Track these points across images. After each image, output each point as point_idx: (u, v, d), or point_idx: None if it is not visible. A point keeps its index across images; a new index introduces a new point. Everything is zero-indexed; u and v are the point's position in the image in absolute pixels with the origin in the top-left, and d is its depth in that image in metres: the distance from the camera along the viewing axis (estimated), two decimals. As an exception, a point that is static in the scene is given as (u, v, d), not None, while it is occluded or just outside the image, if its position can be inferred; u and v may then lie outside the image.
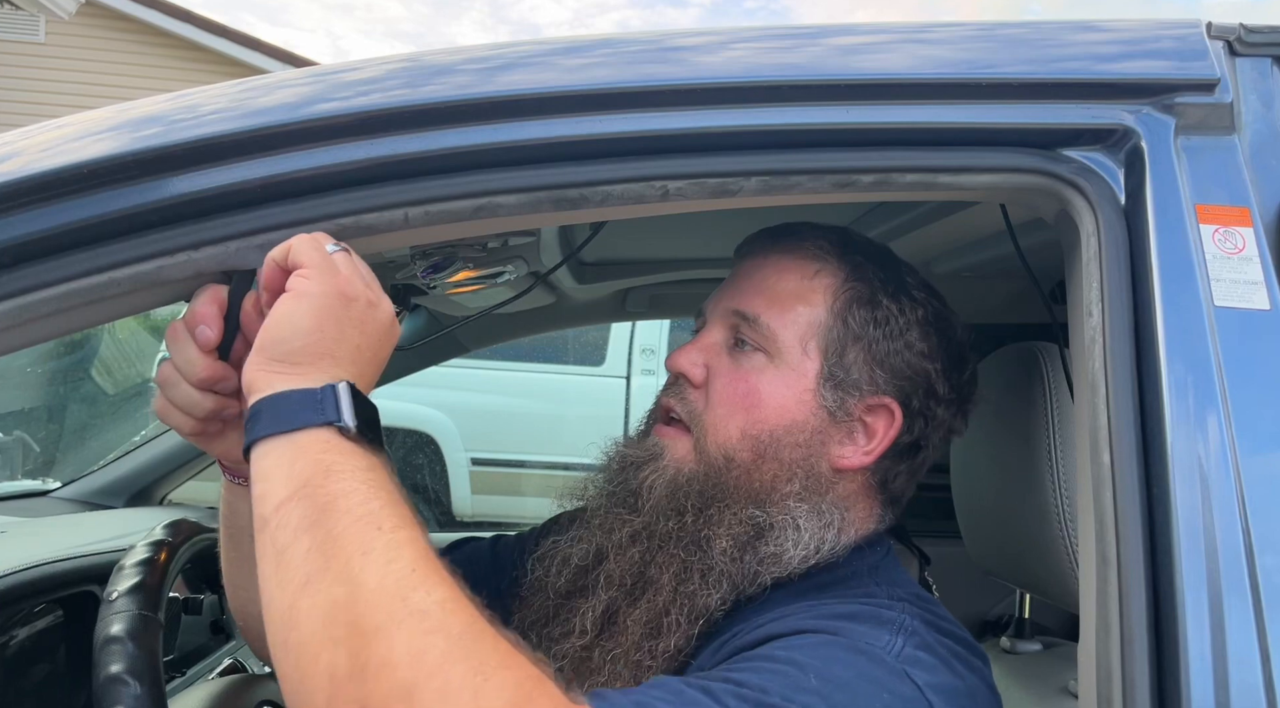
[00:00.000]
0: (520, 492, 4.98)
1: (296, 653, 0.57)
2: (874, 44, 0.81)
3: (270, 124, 0.73)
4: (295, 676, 0.57)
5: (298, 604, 0.58)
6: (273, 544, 0.61)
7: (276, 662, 0.60)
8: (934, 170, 0.77)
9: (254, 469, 0.64)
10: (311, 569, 0.58)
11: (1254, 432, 0.69)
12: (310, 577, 0.58)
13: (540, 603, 0.92)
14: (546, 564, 0.93)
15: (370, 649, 0.55)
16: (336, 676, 0.55)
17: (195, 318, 0.72)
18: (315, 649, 0.56)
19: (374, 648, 0.55)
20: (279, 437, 0.64)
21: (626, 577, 0.86)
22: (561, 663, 0.85)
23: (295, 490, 0.61)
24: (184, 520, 1.17)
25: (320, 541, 0.59)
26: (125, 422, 3.29)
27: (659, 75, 0.77)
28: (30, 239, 0.69)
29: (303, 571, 0.59)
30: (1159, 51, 0.80)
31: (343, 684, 0.55)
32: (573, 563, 0.89)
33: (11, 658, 1.23)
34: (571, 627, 0.86)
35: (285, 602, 0.59)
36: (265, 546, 0.61)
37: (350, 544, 0.59)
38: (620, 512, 0.89)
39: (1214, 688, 0.65)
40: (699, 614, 0.82)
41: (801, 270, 0.90)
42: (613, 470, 0.94)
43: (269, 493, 0.62)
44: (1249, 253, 0.74)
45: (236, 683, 1.21)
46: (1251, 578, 0.67)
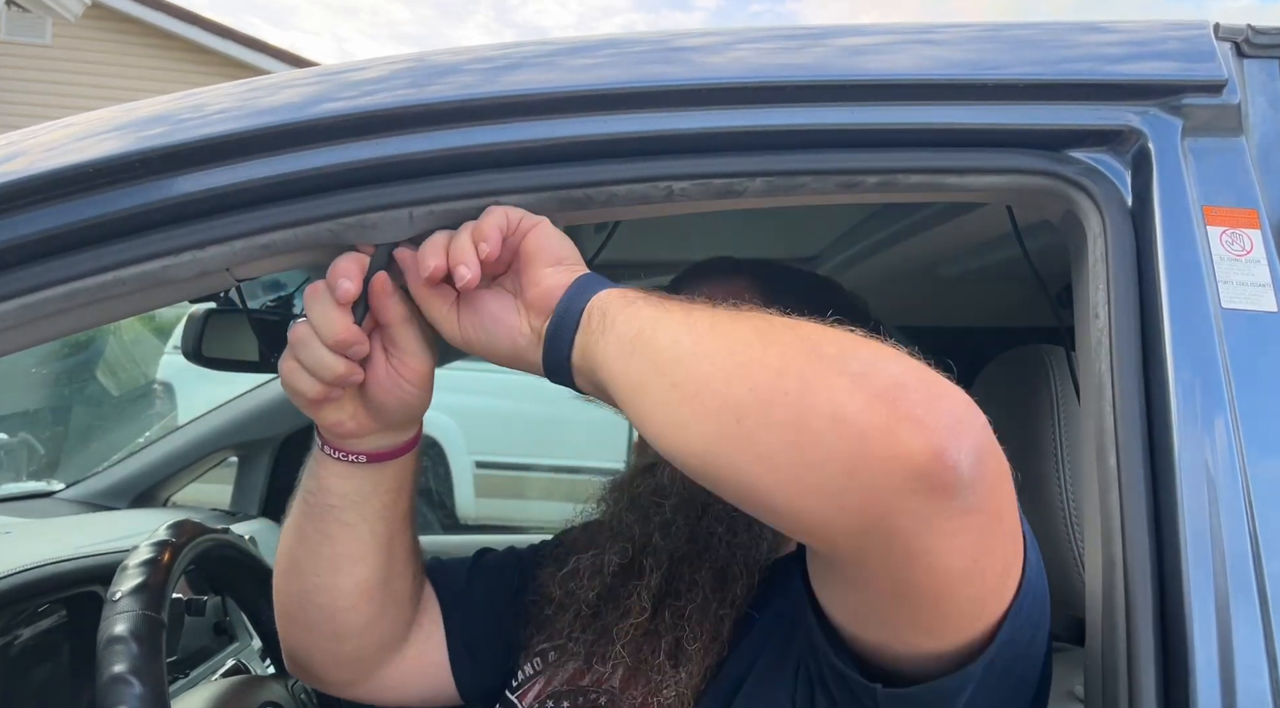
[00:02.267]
0: (524, 495, 4.97)
1: (799, 405, 0.58)
2: (880, 44, 0.81)
3: (276, 124, 0.73)
4: (802, 423, 0.57)
5: (771, 363, 0.60)
6: (647, 303, 0.67)
7: (749, 446, 0.59)
8: (940, 171, 0.77)
9: (603, 296, 0.71)
10: (754, 341, 0.62)
11: (1261, 435, 0.69)
12: (759, 341, 0.62)
13: (575, 610, 0.93)
14: (573, 582, 0.94)
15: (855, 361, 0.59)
16: (794, 347, 0.60)
17: (337, 272, 0.74)
18: (820, 385, 0.58)
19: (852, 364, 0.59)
20: (621, 286, 0.72)
21: (680, 547, 0.88)
22: (624, 641, 0.87)
23: (654, 295, 0.69)
24: (187, 521, 1.17)
25: (696, 303, 0.67)
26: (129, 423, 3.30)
27: (664, 75, 0.77)
28: (35, 238, 0.69)
29: (747, 342, 0.62)
30: (1166, 53, 0.80)
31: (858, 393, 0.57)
32: (610, 568, 0.91)
33: (15, 658, 1.23)
34: (629, 607, 0.88)
35: (747, 371, 0.60)
36: (637, 310, 0.67)
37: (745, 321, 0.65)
38: (647, 505, 0.91)
39: (1221, 693, 0.65)
40: (753, 563, 0.87)
41: (724, 283, 1.00)
42: (624, 482, 0.96)
43: (623, 294, 0.70)
44: (1257, 255, 0.73)
45: (240, 684, 1.21)
46: (1259, 582, 0.66)
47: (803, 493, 0.58)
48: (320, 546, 0.88)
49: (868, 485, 0.55)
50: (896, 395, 0.56)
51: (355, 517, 0.87)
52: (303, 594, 0.91)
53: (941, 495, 0.55)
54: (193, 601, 1.45)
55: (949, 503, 0.55)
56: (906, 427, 0.55)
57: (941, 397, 0.57)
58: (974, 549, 0.59)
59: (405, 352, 0.80)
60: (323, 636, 0.93)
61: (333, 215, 0.73)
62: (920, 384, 0.57)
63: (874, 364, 0.58)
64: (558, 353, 0.72)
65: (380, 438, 0.85)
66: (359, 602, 0.90)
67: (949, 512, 0.56)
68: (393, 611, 0.95)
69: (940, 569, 0.59)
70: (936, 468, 0.54)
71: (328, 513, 0.87)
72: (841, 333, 0.61)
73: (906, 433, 0.55)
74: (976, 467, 0.55)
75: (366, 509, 0.87)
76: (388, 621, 0.95)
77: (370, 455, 0.85)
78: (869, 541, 0.58)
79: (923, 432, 0.55)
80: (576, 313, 0.71)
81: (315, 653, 0.95)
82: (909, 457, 0.54)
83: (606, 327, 0.68)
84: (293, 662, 0.99)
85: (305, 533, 0.90)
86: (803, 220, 1.45)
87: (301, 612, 0.92)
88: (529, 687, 0.96)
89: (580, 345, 0.70)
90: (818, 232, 1.55)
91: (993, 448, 0.58)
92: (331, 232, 0.74)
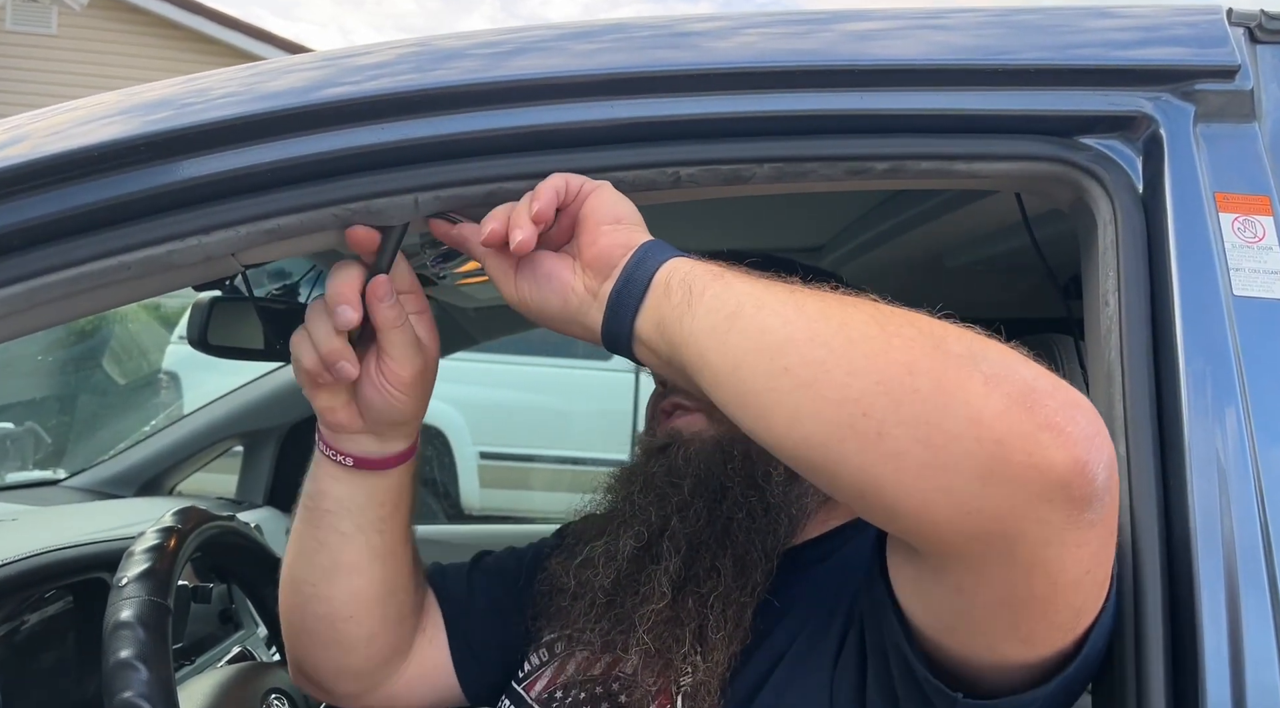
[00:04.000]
0: (529, 486, 4.98)
1: (935, 390, 0.56)
2: (888, 29, 0.80)
3: (280, 108, 0.72)
4: (936, 401, 0.56)
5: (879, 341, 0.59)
6: (740, 279, 0.65)
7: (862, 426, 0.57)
8: (949, 157, 0.76)
9: (676, 265, 0.69)
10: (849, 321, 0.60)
11: (1273, 423, 0.68)
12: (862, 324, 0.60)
13: (590, 599, 0.92)
14: (588, 570, 0.93)
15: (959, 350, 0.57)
16: (919, 342, 0.57)
17: (337, 297, 0.76)
18: (957, 374, 0.56)
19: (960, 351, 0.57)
20: (688, 258, 0.70)
21: (700, 531, 0.88)
22: (646, 627, 0.86)
23: (735, 268, 0.67)
24: (193, 508, 1.17)
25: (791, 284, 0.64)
26: (135, 412, 3.30)
27: (670, 60, 0.77)
28: (40, 223, 0.69)
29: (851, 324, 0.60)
30: (1178, 38, 0.79)
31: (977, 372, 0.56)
32: (625, 553, 0.90)
33: (22, 643, 1.24)
34: (649, 592, 0.87)
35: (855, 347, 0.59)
36: (729, 284, 0.65)
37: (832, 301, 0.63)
38: (663, 488, 0.91)
39: (1230, 686, 0.64)
40: (771, 550, 0.87)
41: None
42: (636, 467, 0.96)
43: (706, 267, 0.67)
44: (1269, 242, 0.73)
45: (245, 671, 1.21)
46: (1270, 573, 0.66)
47: (930, 494, 0.56)
48: (315, 553, 0.89)
49: (1003, 492, 0.54)
50: (1034, 401, 0.54)
51: (350, 526, 0.87)
52: (303, 603, 0.91)
53: (1077, 507, 0.54)
54: (199, 588, 1.45)
55: (1082, 515, 0.55)
56: (1048, 435, 0.53)
57: (1076, 405, 0.55)
58: (1092, 560, 0.58)
59: (390, 356, 0.80)
60: (325, 646, 0.93)
61: (338, 200, 0.73)
62: (1054, 390, 0.55)
63: (1006, 365, 0.56)
64: (620, 320, 0.69)
65: (368, 442, 0.85)
66: (358, 613, 0.90)
67: (1080, 523, 0.55)
68: (396, 624, 0.95)
69: (1057, 578, 0.58)
70: (1078, 480, 0.53)
71: (324, 519, 0.87)
72: (962, 329, 0.59)
73: (1048, 441, 0.53)
74: (1109, 480, 0.55)
75: (362, 519, 0.87)
76: (392, 634, 0.95)
77: (357, 460, 0.85)
78: (991, 546, 0.57)
79: (1064, 442, 0.53)
80: (644, 280, 0.68)
81: (321, 664, 0.95)
82: (1050, 466, 0.53)
83: (693, 300, 0.65)
84: (300, 673, 0.99)
85: (303, 541, 0.90)
86: (810, 209, 1.44)
87: (303, 621, 0.92)
88: (536, 677, 0.96)
89: (653, 318, 0.68)
90: (825, 221, 1.54)
91: (1115, 458, 0.57)
92: (336, 217, 0.73)
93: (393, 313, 0.78)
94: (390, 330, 0.79)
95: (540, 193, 0.71)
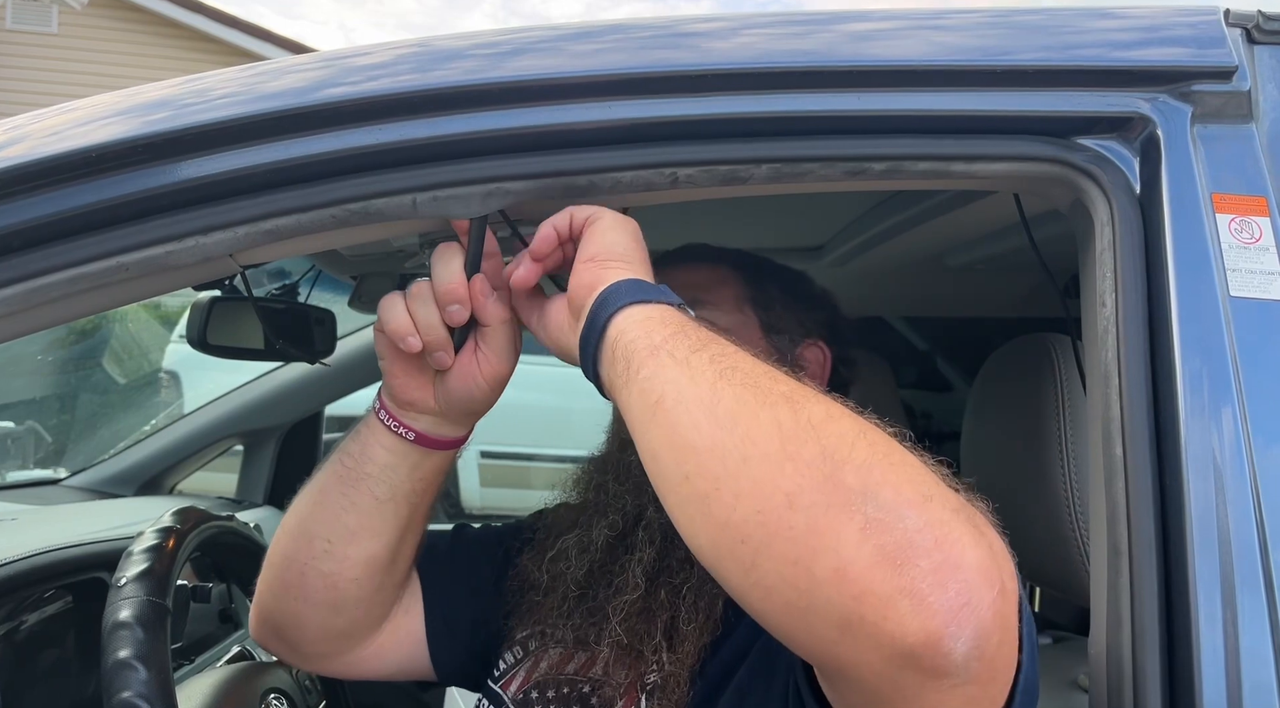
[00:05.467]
0: (529, 485, 4.98)
1: (764, 463, 0.56)
2: (887, 30, 0.80)
3: (279, 109, 0.72)
4: (768, 482, 0.55)
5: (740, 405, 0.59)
6: (672, 358, 0.63)
7: (715, 482, 0.57)
8: (947, 158, 0.76)
9: (623, 326, 0.68)
10: (741, 378, 0.61)
11: (1269, 423, 0.68)
12: (747, 385, 0.60)
13: (562, 593, 0.93)
14: (561, 563, 0.94)
15: (833, 447, 0.56)
16: (814, 468, 0.55)
17: (447, 296, 0.78)
18: (795, 450, 0.56)
19: (839, 449, 0.56)
20: (645, 304, 0.69)
21: None
22: (619, 618, 0.87)
23: (679, 329, 0.66)
24: (192, 508, 1.17)
25: (730, 357, 0.63)
26: (135, 411, 3.30)
27: (670, 61, 0.77)
28: (39, 223, 0.69)
29: (734, 378, 0.61)
30: (1176, 39, 0.79)
31: (831, 468, 0.55)
32: (598, 543, 0.91)
33: (22, 643, 1.24)
34: (622, 583, 0.88)
35: (725, 408, 0.59)
36: (661, 366, 0.63)
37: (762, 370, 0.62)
38: (640, 477, 0.90)
39: (1226, 682, 0.64)
40: None
41: (708, 269, 1.04)
42: (609, 456, 0.97)
43: (648, 334, 0.66)
44: (1266, 242, 0.73)
45: (244, 671, 1.21)
46: (1265, 571, 0.66)
47: (795, 630, 0.56)
48: (343, 512, 0.88)
49: (859, 647, 0.53)
50: (906, 559, 0.52)
51: (386, 493, 0.87)
52: (309, 560, 0.90)
53: (929, 676, 0.53)
54: (198, 587, 1.45)
55: (938, 682, 0.53)
56: (906, 601, 0.51)
57: (956, 566, 0.52)
58: (965, 704, 0.56)
59: (493, 350, 0.82)
60: (317, 606, 0.92)
61: (336, 201, 0.73)
62: (936, 547, 0.52)
63: (894, 509, 0.53)
64: (586, 369, 0.71)
65: (434, 423, 0.86)
66: (363, 576, 0.90)
67: (940, 688, 0.53)
68: (388, 592, 0.95)
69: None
70: (928, 653, 0.51)
71: (362, 482, 0.87)
72: (873, 440, 0.57)
73: (905, 608, 0.51)
74: (974, 650, 0.52)
75: (399, 489, 0.88)
76: (381, 600, 0.95)
77: (419, 436, 0.86)
78: (855, 683, 0.57)
79: (921, 611, 0.51)
80: (598, 331, 0.69)
81: (305, 623, 0.94)
82: (901, 635, 0.51)
83: (630, 377, 0.65)
84: (269, 628, 0.97)
85: (330, 497, 0.89)
86: (808, 210, 1.44)
87: (301, 579, 0.91)
88: (512, 676, 0.96)
89: (606, 381, 0.69)
90: (823, 221, 1.54)
91: (998, 624, 0.53)
92: (335, 217, 0.73)
93: (501, 309, 0.80)
94: (499, 325, 0.81)
95: (540, 229, 0.74)
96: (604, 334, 0.68)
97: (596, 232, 0.74)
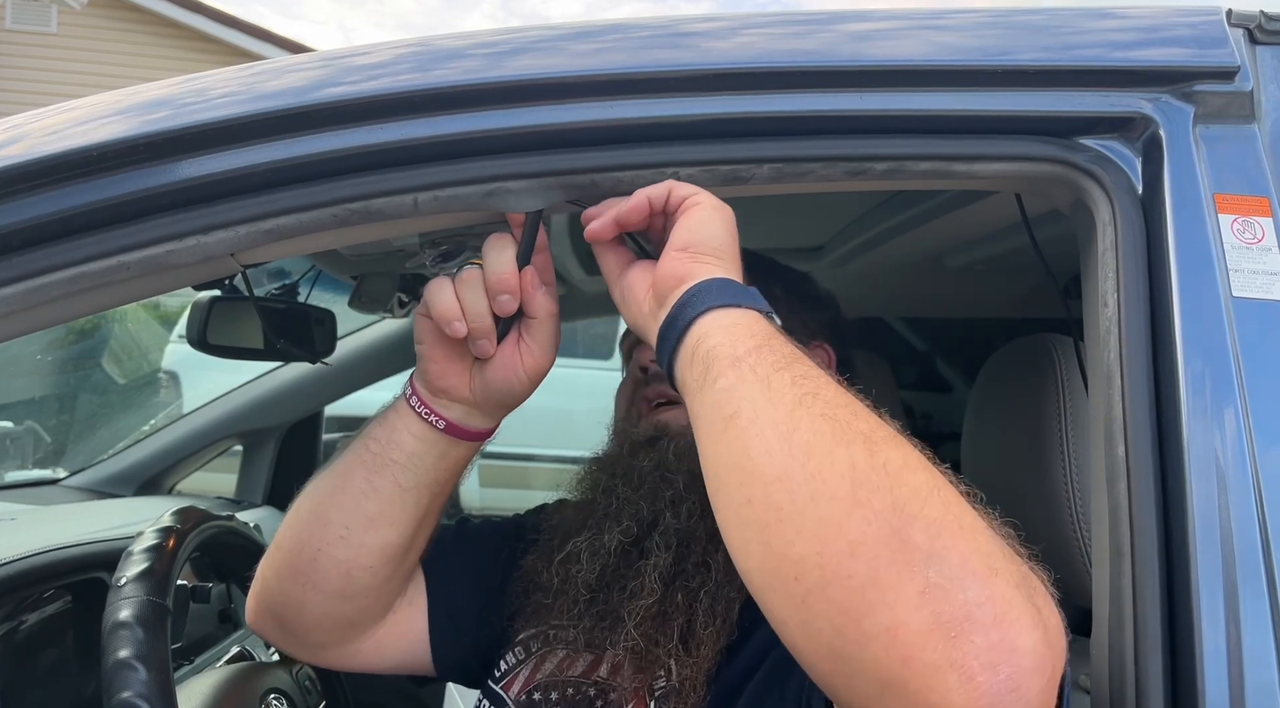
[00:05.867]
0: (529, 485, 4.97)
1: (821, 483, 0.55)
2: (888, 30, 0.80)
3: (279, 108, 0.72)
4: (826, 506, 0.54)
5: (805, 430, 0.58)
6: (754, 373, 0.62)
7: (774, 502, 0.56)
8: (948, 158, 0.76)
9: (707, 329, 0.67)
10: (814, 402, 0.59)
11: (1272, 424, 0.68)
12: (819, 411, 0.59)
13: (573, 595, 0.92)
14: (572, 566, 0.93)
15: (903, 489, 0.55)
16: (883, 519, 0.54)
17: (500, 285, 0.77)
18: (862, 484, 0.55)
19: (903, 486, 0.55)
20: (732, 309, 0.67)
21: (693, 526, 0.88)
22: (635, 621, 0.86)
23: (765, 341, 0.64)
24: (192, 508, 1.17)
25: (812, 381, 0.61)
26: (135, 411, 3.30)
27: (670, 60, 0.77)
28: (39, 222, 0.69)
29: (807, 407, 0.59)
30: (1178, 39, 0.79)
31: (879, 494, 0.54)
32: (611, 547, 0.90)
33: (21, 643, 1.24)
34: (638, 587, 0.87)
35: (787, 424, 0.58)
36: (742, 379, 0.62)
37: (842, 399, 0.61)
38: (654, 482, 0.91)
39: (1229, 683, 0.64)
40: None
41: None
42: (616, 458, 0.96)
43: (733, 342, 0.65)
44: (1268, 243, 0.73)
45: (244, 671, 1.21)
46: (1268, 572, 0.66)
47: (832, 676, 0.55)
48: (364, 498, 0.87)
49: (895, 706, 0.52)
50: (961, 631, 0.50)
51: (411, 481, 0.87)
52: (324, 545, 0.89)
53: None
54: (198, 587, 1.45)
55: None
56: (954, 676, 0.50)
57: (1011, 649, 0.51)
58: None
59: (536, 343, 0.82)
60: (327, 593, 0.90)
61: (337, 200, 0.73)
62: (994, 624, 0.51)
63: (958, 578, 0.52)
64: (661, 357, 0.71)
65: (465, 413, 0.86)
66: (377, 564, 0.89)
67: None
68: (397, 582, 0.95)
69: None
70: None
71: (386, 469, 0.87)
72: (946, 499, 0.55)
73: (953, 682, 0.50)
74: None
75: (423, 478, 0.87)
76: (389, 591, 0.95)
77: (450, 425, 0.86)
78: None
79: (969, 689, 0.50)
80: (682, 328, 0.68)
81: (310, 610, 0.92)
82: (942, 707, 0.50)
83: (706, 383, 0.63)
84: (273, 616, 0.95)
85: (352, 482, 0.88)
86: (809, 210, 1.44)
87: (313, 564, 0.89)
88: (514, 677, 0.96)
89: (680, 378, 0.68)
90: (825, 221, 1.54)
91: (1043, 704, 0.52)
92: (336, 217, 0.73)
93: (549, 303, 0.81)
94: (545, 319, 0.81)
95: (634, 197, 0.73)
96: (686, 334, 0.68)
97: (693, 219, 0.72)
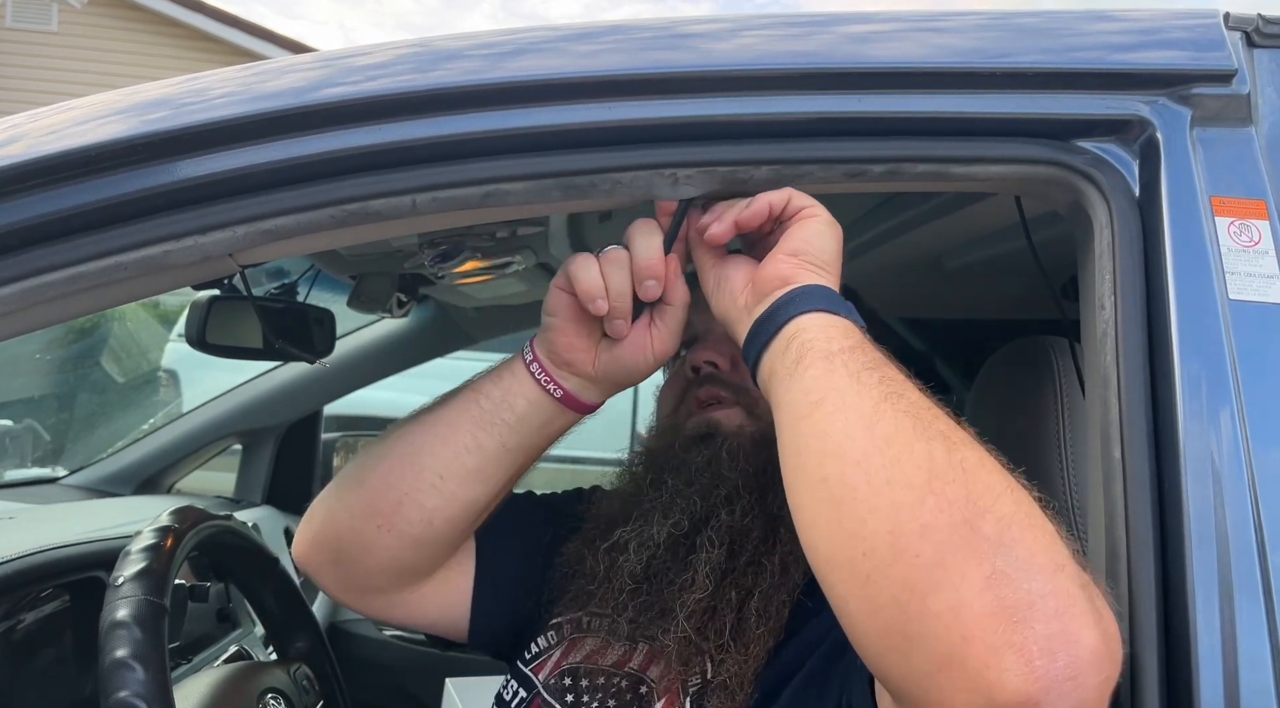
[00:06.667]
0: (529, 485, 4.96)
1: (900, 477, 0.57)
2: (886, 32, 0.80)
3: (278, 108, 0.72)
4: (907, 502, 0.56)
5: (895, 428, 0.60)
6: (845, 367, 0.65)
7: (849, 485, 0.59)
8: (946, 160, 0.76)
9: (805, 324, 0.70)
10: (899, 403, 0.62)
11: (1268, 427, 0.68)
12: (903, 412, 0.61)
13: (618, 584, 0.92)
14: (621, 555, 0.92)
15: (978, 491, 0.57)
16: (955, 508, 0.56)
17: (646, 271, 0.80)
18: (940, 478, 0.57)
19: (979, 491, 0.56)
20: (832, 314, 0.71)
21: (747, 524, 0.89)
22: (686, 614, 0.86)
23: (857, 344, 0.67)
24: (190, 508, 1.17)
25: (898, 383, 0.64)
26: (134, 410, 3.30)
27: (669, 62, 0.77)
28: (37, 222, 0.69)
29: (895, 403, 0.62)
30: (1175, 42, 0.79)
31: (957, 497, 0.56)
32: (660, 540, 0.90)
33: (19, 642, 1.24)
34: (687, 581, 0.87)
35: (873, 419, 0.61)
36: (831, 371, 0.65)
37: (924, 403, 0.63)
38: (707, 479, 0.91)
39: (1224, 686, 0.64)
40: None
41: None
42: (665, 452, 0.96)
43: (828, 339, 0.68)
44: (1265, 246, 0.73)
45: (242, 670, 1.21)
46: (1264, 575, 0.66)
47: (888, 653, 0.56)
48: (465, 452, 0.87)
49: (951, 687, 0.52)
50: (1024, 618, 0.51)
51: (515, 443, 0.88)
52: (412, 490, 0.88)
53: None
54: (196, 587, 1.45)
55: None
56: (1013, 658, 0.51)
57: (1072, 641, 0.52)
58: None
59: (667, 328, 0.84)
60: (401, 536, 0.89)
61: (336, 201, 0.73)
62: (1056, 615, 0.52)
63: (1024, 569, 0.53)
64: (749, 350, 0.74)
65: (582, 386, 0.87)
66: (459, 516, 0.90)
67: None
68: (461, 539, 0.95)
69: None
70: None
71: (496, 428, 0.87)
72: (1018, 499, 0.57)
73: (1011, 664, 0.51)
74: None
75: (525, 442, 0.88)
76: (455, 545, 0.95)
77: (566, 395, 0.87)
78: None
79: (1027, 672, 0.51)
80: (778, 324, 0.71)
81: (377, 552, 0.90)
82: (999, 688, 0.51)
83: (797, 373, 0.67)
84: (331, 552, 0.93)
85: (458, 435, 0.87)
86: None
87: (397, 507, 0.88)
88: (544, 660, 0.95)
89: (769, 365, 0.71)
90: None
91: (1099, 701, 0.53)
92: (334, 217, 0.73)
93: (685, 291, 0.83)
94: (680, 307, 0.83)
95: (756, 202, 0.75)
96: (783, 327, 0.70)
97: (808, 229, 0.76)
